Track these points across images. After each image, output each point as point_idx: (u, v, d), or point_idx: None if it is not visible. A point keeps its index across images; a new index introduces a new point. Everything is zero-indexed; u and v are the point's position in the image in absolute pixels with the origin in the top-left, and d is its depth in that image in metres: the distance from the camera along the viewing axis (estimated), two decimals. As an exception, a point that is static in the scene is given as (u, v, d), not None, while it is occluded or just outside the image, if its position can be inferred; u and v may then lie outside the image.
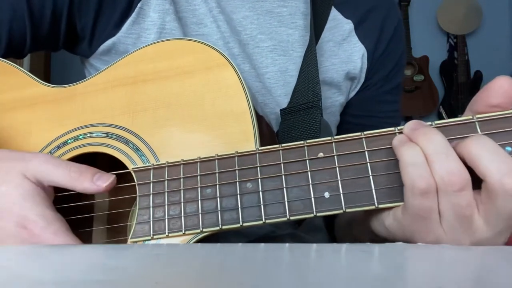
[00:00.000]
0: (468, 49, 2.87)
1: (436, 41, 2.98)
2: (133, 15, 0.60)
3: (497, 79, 0.38)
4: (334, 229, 0.71)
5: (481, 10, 2.92)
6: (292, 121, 0.59)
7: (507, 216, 0.35)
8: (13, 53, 0.62)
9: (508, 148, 0.38)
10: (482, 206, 0.36)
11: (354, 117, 0.74)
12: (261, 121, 0.50)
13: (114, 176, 0.46)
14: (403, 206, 0.39)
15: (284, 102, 0.64)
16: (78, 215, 0.53)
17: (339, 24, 0.69)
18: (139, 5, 0.60)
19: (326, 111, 0.69)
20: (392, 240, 0.42)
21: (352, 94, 0.73)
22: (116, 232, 0.56)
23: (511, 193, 0.34)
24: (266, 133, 0.52)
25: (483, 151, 0.35)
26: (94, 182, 0.44)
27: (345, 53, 0.69)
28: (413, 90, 2.80)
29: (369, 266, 0.28)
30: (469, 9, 2.92)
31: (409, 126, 0.40)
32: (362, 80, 0.72)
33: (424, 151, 0.37)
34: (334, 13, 0.69)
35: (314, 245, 0.37)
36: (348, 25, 0.70)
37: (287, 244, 0.53)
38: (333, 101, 0.70)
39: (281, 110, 0.61)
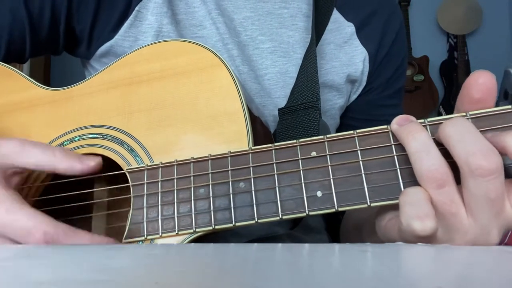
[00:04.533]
0: (468, 49, 2.87)
1: (436, 41, 2.98)
2: (131, 18, 0.60)
3: (473, 73, 0.38)
4: (337, 233, 0.70)
5: (481, 10, 2.92)
6: (291, 121, 0.59)
7: (486, 203, 0.34)
8: (14, 58, 0.62)
9: None
10: (465, 199, 0.35)
11: (355, 120, 0.74)
12: (255, 121, 0.50)
13: (100, 158, 0.45)
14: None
15: (283, 103, 0.63)
16: (76, 215, 0.54)
17: (340, 27, 0.69)
18: (136, 8, 0.60)
19: (325, 114, 0.69)
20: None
21: (354, 97, 0.73)
22: (115, 234, 0.56)
23: (478, 173, 0.33)
24: (260, 133, 0.52)
25: (454, 132, 0.35)
26: (82, 161, 0.43)
27: (346, 56, 0.69)
28: (413, 90, 2.80)
29: (368, 266, 0.28)
30: (469, 9, 2.92)
31: (396, 121, 0.40)
32: (364, 83, 0.71)
33: (407, 150, 0.37)
34: (336, 15, 0.69)
35: (314, 245, 0.37)
36: (349, 28, 0.70)
37: (286, 244, 0.52)
38: (333, 103, 0.70)
39: (279, 109, 0.61)
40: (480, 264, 0.28)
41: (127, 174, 0.47)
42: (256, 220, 0.42)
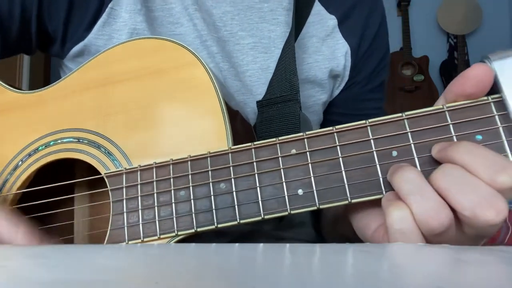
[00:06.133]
0: (468, 49, 2.86)
1: (436, 41, 2.98)
2: (104, 15, 0.58)
3: (473, 67, 0.36)
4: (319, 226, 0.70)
5: (481, 10, 2.92)
6: (270, 114, 0.58)
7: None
8: None
9: (479, 137, 0.36)
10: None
11: (338, 115, 0.73)
12: (235, 118, 0.49)
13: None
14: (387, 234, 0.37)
15: None
16: (58, 222, 0.53)
17: (322, 20, 0.68)
18: (110, 5, 0.58)
19: (308, 110, 0.68)
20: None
21: (336, 92, 0.72)
22: (97, 239, 0.55)
23: (491, 223, 0.32)
24: (240, 129, 0.51)
25: (450, 183, 0.34)
26: (42, 242, 0.42)
27: (329, 50, 0.68)
28: (413, 90, 2.79)
29: (368, 265, 0.27)
30: (469, 9, 2.92)
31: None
32: (346, 78, 0.70)
33: (399, 192, 0.36)
34: (318, 8, 0.68)
35: (313, 245, 0.37)
36: (332, 21, 0.68)
37: (284, 244, 0.52)
38: (316, 99, 0.69)
39: (257, 101, 0.59)
40: (480, 264, 0.27)
41: (105, 179, 0.46)
42: (238, 221, 0.41)
